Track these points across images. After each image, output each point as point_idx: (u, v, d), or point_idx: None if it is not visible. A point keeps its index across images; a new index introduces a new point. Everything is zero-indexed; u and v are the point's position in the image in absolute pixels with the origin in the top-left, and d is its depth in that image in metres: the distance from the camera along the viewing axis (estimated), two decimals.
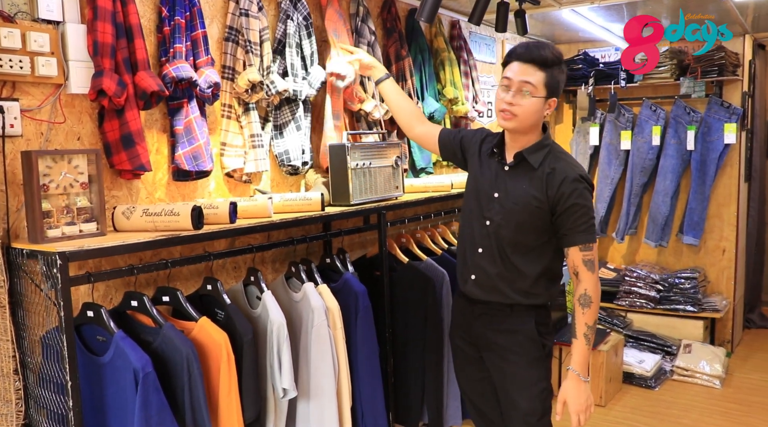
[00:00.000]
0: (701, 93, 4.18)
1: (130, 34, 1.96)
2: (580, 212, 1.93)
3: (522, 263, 2.03)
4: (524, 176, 2.01)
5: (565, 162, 1.99)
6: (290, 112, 2.55)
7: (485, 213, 2.07)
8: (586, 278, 1.95)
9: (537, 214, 1.98)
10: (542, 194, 1.96)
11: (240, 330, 1.95)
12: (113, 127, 1.96)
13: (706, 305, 4.25)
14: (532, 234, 2.01)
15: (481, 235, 2.09)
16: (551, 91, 1.96)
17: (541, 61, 1.93)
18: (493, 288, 2.07)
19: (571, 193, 1.93)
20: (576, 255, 1.96)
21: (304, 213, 2.30)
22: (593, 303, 1.95)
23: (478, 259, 2.09)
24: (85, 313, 1.77)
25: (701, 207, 4.37)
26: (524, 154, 2.01)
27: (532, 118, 1.97)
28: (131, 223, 1.90)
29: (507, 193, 2.03)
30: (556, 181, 1.95)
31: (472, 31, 3.88)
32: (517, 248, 2.03)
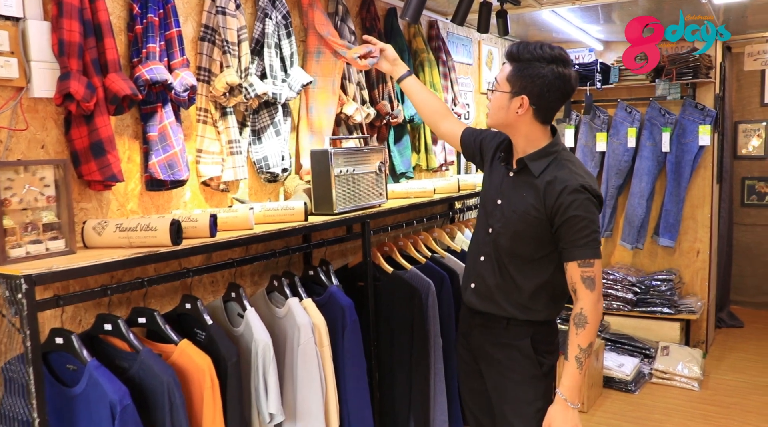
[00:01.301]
0: (676, 95, 4.17)
1: (99, 33, 1.80)
2: (580, 225, 1.80)
3: (519, 275, 1.93)
4: (525, 184, 1.90)
5: (569, 170, 1.85)
6: (269, 116, 2.41)
7: (489, 220, 2.00)
8: (584, 296, 1.81)
9: (536, 224, 1.87)
10: (540, 204, 1.85)
11: (224, 353, 1.81)
12: (81, 134, 1.80)
13: (682, 307, 4.25)
14: (531, 245, 1.90)
15: (484, 242, 2.01)
16: (517, 87, 1.82)
17: (509, 55, 1.85)
18: (490, 299, 1.98)
19: (570, 205, 1.80)
20: (574, 271, 1.82)
21: (287, 223, 2.16)
22: (589, 324, 1.80)
23: (480, 267, 2.02)
24: (53, 339, 1.61)
25: (677, 209, 4.37)
26: (525, 161, 1.90)
27: (498, 115, 1.89)
28: (103, 239, 1.74)
29: (509, 201, 1.94)
30: (555, 191, 1.82)
31: (449, 31, 3.79)
32: (514, 258, 1.93)
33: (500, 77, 1.88)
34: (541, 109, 1.85)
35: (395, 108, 3.01)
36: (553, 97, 1.82)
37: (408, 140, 3.25)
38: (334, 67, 2.64)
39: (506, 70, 1.86)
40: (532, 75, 1.80)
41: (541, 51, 1.79)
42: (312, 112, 2.64)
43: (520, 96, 1.83)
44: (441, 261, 2.88)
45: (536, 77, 1.80)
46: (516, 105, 1.84)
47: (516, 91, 1.83)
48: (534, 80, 1.80)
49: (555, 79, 1.79)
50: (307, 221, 2.20)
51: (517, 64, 1.82)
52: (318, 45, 2.62)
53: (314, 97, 2.65)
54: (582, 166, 1.94)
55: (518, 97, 1.83)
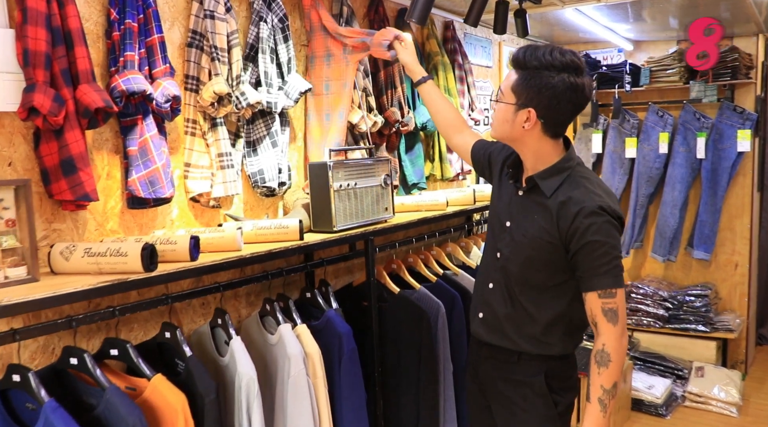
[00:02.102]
0: (713, 97, 3.91)
1: (70, 41, 1.66)
2: (600, 251, 1.60)
3: (532, 305, 1.74)
4: (536, 205, 1.71)
5: (585, 189, 1.65)
6: (265, 126, 2.26)
7: (497, 243, 1.83)
8: (606, 330, 1.62)
9: (548, 250, 1.68)
10: (553, 228, 1.66)
11: (200, 389, 1.66)
12: (51, 150, 1.66)
13: (718, 325, 3.99)
14: (544, 273, 1.72)
15: (493, 268, 1.84)
16: (524, 98, 1.63)
17: (515, 61, 1.66)
18: (499, 331, 1.81)
19: (587, 229, 1.61)
20: (594, 302, 1.63)
21: (281, 243, 2.00)
22: (612, 362, 1.61)
23: (488, 295, 1.85)
24: (10, 377, 1.47)
25: (712, 219, 4.10)
26: (536, 179, 1.71)
27: (503, 129, 1.71)
28: (71, 265, 1.60)
29: (518, 224, 1.76)
30: (570, 214, 1.63)
31: (467, 32, 3.60)
32: (526, 287, 1.75)
33: (505, 87, 1.69)
34: (550, 123, 1.66)
35: (406, 115, 2.83)
36: (564, 110, 1.63)
37: (421, 149, 3.07)
38: (346, 69, 2.47)
39: (512, 79, 1.67)
40: (540, 85, 1.60)
41: (551, 57, 1.58)
42: (326, 120, 2.48)
43: (526, 109, 1.64)
44: (453, 279, 2.69)
45: (545, 88, 1.60)
46: (522, 118, 1.66)
47: (522, 102, 1.64)
48: (542, 91, 1.60)
49: (566, 90, 1.59)
50: (302, 241, 2.04)
51: (523, 73, 1.63)
52: (327, 47, 2.46)
53: (329, 104, 2.49)
54: (600, 183, 1.73)
55: (525, 109, 1.65)
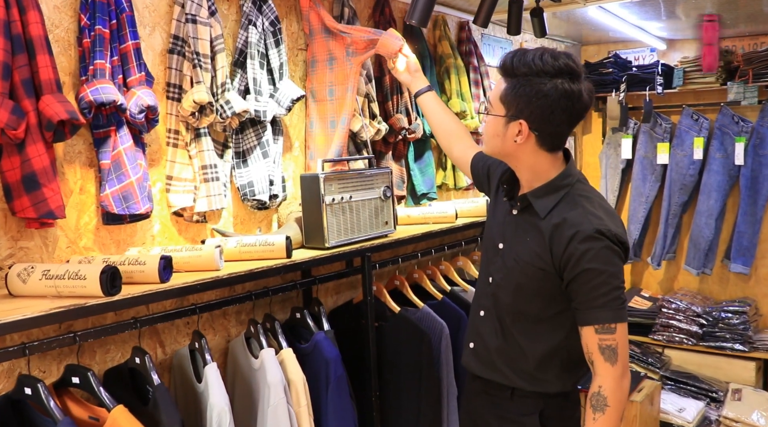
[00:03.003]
0: (753, 99, 3.65)
1: (32, 49, 1.56)
2: (597, 281, 1.43)
3: (524, 338, 1.59)
4: (530, 226, 1.56)
5: (582, 210, 1.49)
6: (255, 136, 2.14)
7: (489, 267, 1.69)
8: (604, 371, 1.45)
9: (540, 277, 1.53)
10: (546, 252, 1.50)
11: (165, 422, 1.54)
12: (13, 165, 1.57)
13: (758, 343, 3.71)
14: (537, 302, 1.56)
15: (484, 294, 1.70)
16: (514, 109, 1.48)
17: (502, 68, 1.52)
18: (490, 364, 1.67)
19: (582, 255, 1.44)
20: (590, 338, 1.46)
21: (266, 262, 1.88)
22: (610, 408, 1.43)
23: (479, 324, 1.71)
24: None
25: (752, 230, 3.83)
26: (529, 198, 1.55)
27: (494, 143, 1.56)
28: (28, 287, 1.51)
29: (510, 246, 1.61)
30: (564, 238, 1.47)
31: (484, 33, 3.42)
32: (518, 317, 1.60)
33: (493, 97, 1.54)
34: (545, 135, 1.50)
35: (413, 122, 2.68)
36: (559, 120, 1.47)
37: (431, 157, 2.92)
38: (350, 72, 2.34)
39: (500, 88, 1.52)
40: (530, 94, 1.45)
41: (541, 62, 1.42)
42: (331, 128, 2.35)
43: (517, 120, 1.49)
44: (460, 296, 2.52)
45: (536, 96, 1.44)
46: (514, 132, 1.50)
47: (512, 114, 1.49)
48: (533, 100, 1.44)
49: (560, 98, 1.43)
50: (290, 259, 1.91)
51: (512, 80, 1.48)
52: (330, 50, 2.33)
53: (334, 110, 2.36)
54: (603, 202, 1.54)
55: (515, 121, 1.49)
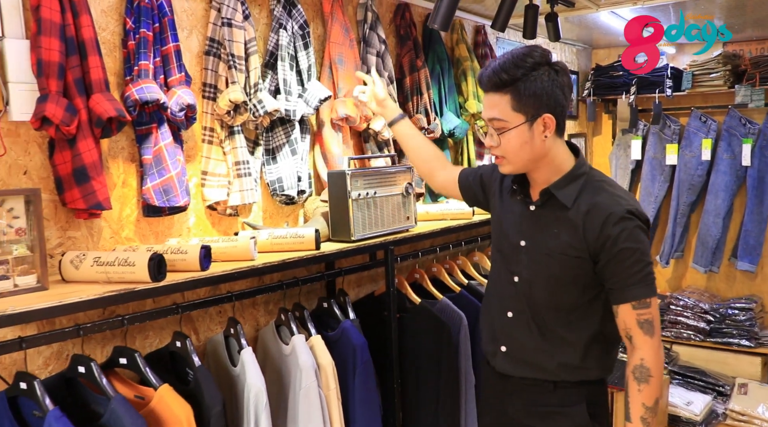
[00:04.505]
0: (760, 102, 3.73)
1: (84, 51, 1.67)
2: (632, 259, 1.50)
3: (565, 329, 1.61)
4: (555, 219, 1.60)
5: (608, 194, 1.56)
6: (284, 134, 2.24)
7: (511, 266, 1.68)
8: (644, 343, 1.52)
9: (576, 265, 1.57)
10: (580, 240, 1.55)
11: (207, 401, 1.64)
12: (65, 159, 1.68)
13: (763, 339, 3.80)
14: (574, 292, 1.59)
15: (509, 295, 1.69)
16: (532, 109, 1.52)
17: (497, 82, 1.53)
18: (529, 364, 1.67)
19: (618, 236, 1.50)
20: (628, 315, 1.53)
21: (296, 253, 1.98)
22: (653, 378, 1.51)
23: (508, 326, 1.70)
24: (18, 384, 1.48)
25: (758, 229, 3.91)
26: (552, 191, 1.60)
27: (525, 154, 1.57)
28: (81, 273, 1.61)
29: (535, 242, 1.63)
30: (597, 221, 1.52)
31: (499, 37, 3.52)
32: (556, 311, 1.62)
33: (501, 113, 1.55)
34: (560, 118, 1.57)
35: (432, 122, 2.78)
36: (566, 99, 1.56)
37: (448, 156, 3.02)
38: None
39: (505, 103, 1.54)
40: (539, 88, 1.51)
41: (524, 60, 1.51)
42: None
43: (540, 117, 1.53)
44: (477, 289, 2.62)
45: (544, 88, 1.52)
46: (540, 130, 1.55)
47: (533, 114, 1.53)
48: (544, 92, 1.52)
49: (557, 79, 1.53)
50: (319, 250, 2.01)
51: (512, 88, 1.52)
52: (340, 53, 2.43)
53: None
54: (619, 185, 1.63)
55: (538, 119, 1.54)
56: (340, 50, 2.36)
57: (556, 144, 1.59)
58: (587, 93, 4.31)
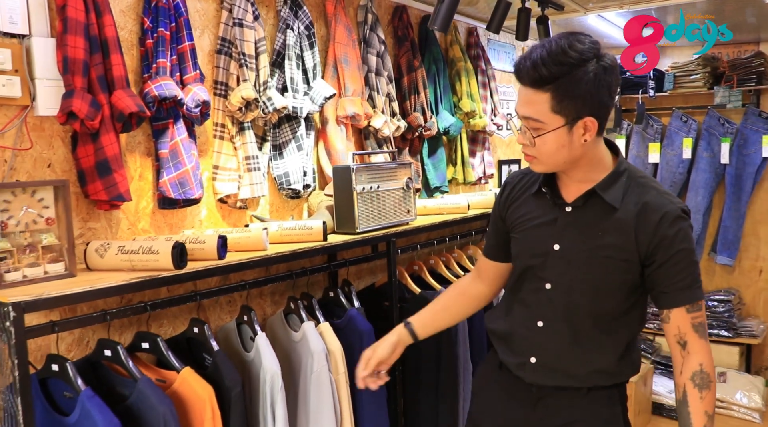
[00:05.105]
0: (737, 103, 3.90)
1: (106, 49, 1.74)
2: (687, 260, 1.41)
3: (605, 335, 1.51)
4: (598, 219, 1.46)
5: (657, 192, 1.44)
6: (291, 130, 2.33)
7: (541, 272, 1.53)
8: (700, 348, 1.43)
9: (623, 269, 1.45)
10: (630, 242, 1.43)
11: (227, 382, 1.72)
12: (87, 152, 1.75)
13: (741, 330, 3.96)
14: (617, 297, 1.48)
15: (538, 303, 1.55)
16: (573, 111, 1.35)
17: (537, 78, 1.35)
18: (564, 372, 1.54)
19: (675, 237, 1.39)
20: (683, 319, 1.42)
21: (305, 244, 2.07)
22: (713, 382, 1.43)
23: (539, 336, 1.55)
24: (50, 366, 1.56)
25: (736, 225, 4.08)
26: (598, 191, 1.45)
27: (560, 158, 1.42)
28: (105, 261, 1.68)
29: (573, 245, 1.48)
30: (652, 222, 1.41)
31: (490, 38, 3.64)
32: (597, 318, 1.50)
33: (537, 113, 1.38)
34: (603, 120, 1.41)
35: (428, 120, 2.88)
36: (611, 99, 1.40)
37: (443, 153, 3.12)
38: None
39: (543, 102, 1.36)
40: (583, 90, 1.34)
41: (571, 54, 1.32)
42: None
43: (581, 121, 1.37)
44: None
45: (589, 88, 1.34)
46: (579, 133, 1.38)
47: (574, 117, 1.36)
48: (588, 94, 1.34)
49: (604, 77, 1.35)
50: (326, 241, 2.11)
51: (554, 86, 1.34)
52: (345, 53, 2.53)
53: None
54: (659, 183, 1.55)
55: (579, 121, 1.37)
56: (344, 50, 2.45)
57: (596, 144, 1.45)
58: None
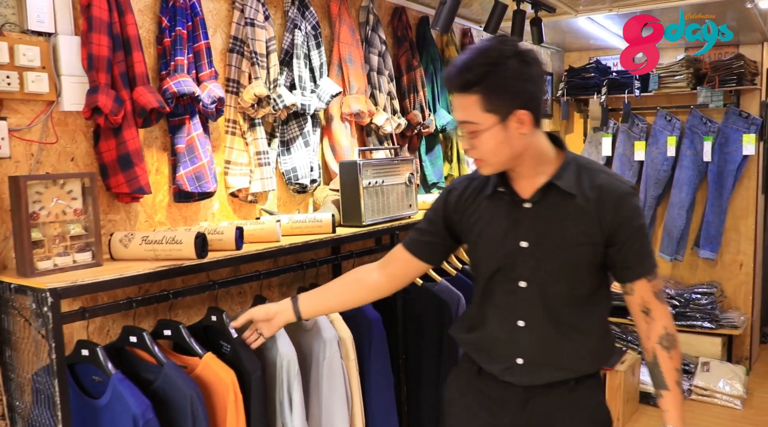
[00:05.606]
0: (719, 103, 4.04)
1: (128, 47, 1.81)
2: (644, 235, 1.51)
3: (584, 319, 1.56)
4: (559, 209, 1.50)
5: (606, 175, 1.51)
6: (298, 127, 2.41)
7: (512, 273, 1.54)
8: (662, 312, 1.51)
9: (590, 252, 1.50)
10: (594, 225, 1.48)
11: (247, 367, 1.80)
12: (110, 146, 1.82)
13: (723, 322, 4.11)
14: (589, 280, 1.54)
15: (514, 303, 1.56)
16: (503, 107, 1.39)
17: (463, 82, 1.39)
18: (552, 366, 1.56)
19: (632, 216, 1.48)
20: (644, 288, 1.50)
21: (314, 235, 2.15)
22: (677, 341, 1.52)
23: (522, 336, 1.56)
24: (80, 351, 1.62)
25: (718, 220, 4.23)
26: (554, 182, 1.49)
27: (503, 155, 1.45)
28: (129, 251, 1.75)
29: (541, 239, 1.51)
30: (611, 204, 1.47)
31: (484, 39, 3.74)
32: (575, 304, 1.54)
33: (471, 116, 1.42)
34: (536, 111, 1.45)
35: (427, 118, 2.98)
36: (538, 88, 1.45)
37: (440, 150, 3.22)
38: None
39: (474, 104, 1.40)
40: (507, 84, 1.39)
41: (490, 55, 1.38)
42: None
43: (513, 114, 1.41)
44: (470, 273, 2.83)
45: (512, 82, 1.39)
46: (514, 127, 1.42)
47: (505, 112, 1.41)
48: (512, 87, 1.40)
49: (526, 68, 1.40)
50: (335, 233, 2.19)
51: (480, 87, 1.39)
52: (349, 52, 2.61)
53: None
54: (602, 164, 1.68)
55: (511, 117, 1.41)
56: (349, 50, 2.54)
57: (536, 136, 1.49)
58: (561, 93, 4.58)
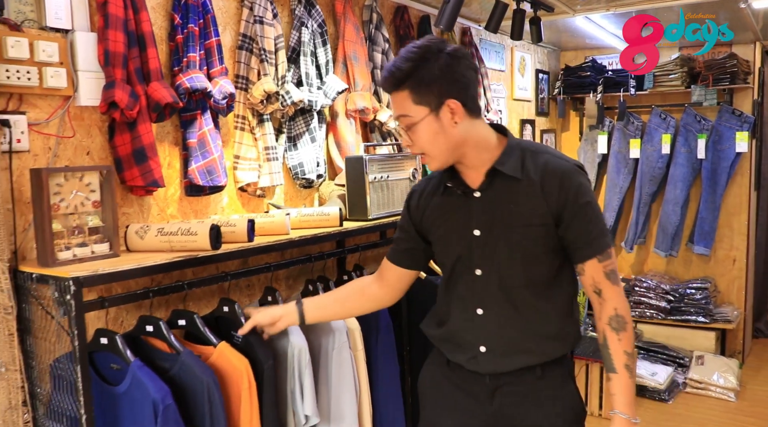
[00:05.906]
0: (713, 101, 4.12)
1: (143, 43, 1.85)
2: (591, 213, 1.49)
3: (546, 303, 1.56)
4: (507, 194, 1.52)
5: (551, 155, 1.52)
6: (304, 123, 2.45)
7: (469, 262, 1.57)
8: (613, 293, 1.51)
9: (543, 234, 1.51)
10: (542, 205, 1.49)
11: (260, 356, 1.84)
12: (125, 141, 1.86)
13: (717, 316, 4.19)
14: (546, 262, 1.54)
15: (473, 292, 1.58)
16: (433, 98, 1.44)
17: (394, 81, 1.46)
18: (515, 350, 1.57)
19: (577, 193, 1.48)
20: (595, 269, 1.50)
21: (322, 229, 2.20)
22: (628, 324, 1.51)
23: (482, 323, 1.58)
24: (98, 340, 1.66)
25: (712, 216, 4.31)
26: (497, 168, 1.51)
27: (441, 145, 1.49)
28: (145, 243, 1.79)
29: (492, 225, 1.53)
30: (555, 183, 1.48)
31: (482, 38, 3.80)
32: (532, 287, 1.55)
33: (405, 110, 1.47)
34: (468, 99, 1.48)
35: None
36: (468, 78, 1.47)
37: None
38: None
39: (405, 99, 1.46)
40: (433, 76, 1.43)
41: (413, 52, 1.44)
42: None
43: (443, 105, 1.45)
44: None
45: (439, 74, 1.43)
46: (447, 117, 1.46)
47: (435, 104, 1.45)
48: (438, 78, 1.43)
49: (453, 62, 1.44)
50: (342, 227, 2.24)
51: (409, 83, 1.45)
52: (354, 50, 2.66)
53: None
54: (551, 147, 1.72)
55: (442, 107, 1.45)
56: (354, 48, 2.59)
57: (474, 126, 1.51)
58: (557, 92, 4.65)
